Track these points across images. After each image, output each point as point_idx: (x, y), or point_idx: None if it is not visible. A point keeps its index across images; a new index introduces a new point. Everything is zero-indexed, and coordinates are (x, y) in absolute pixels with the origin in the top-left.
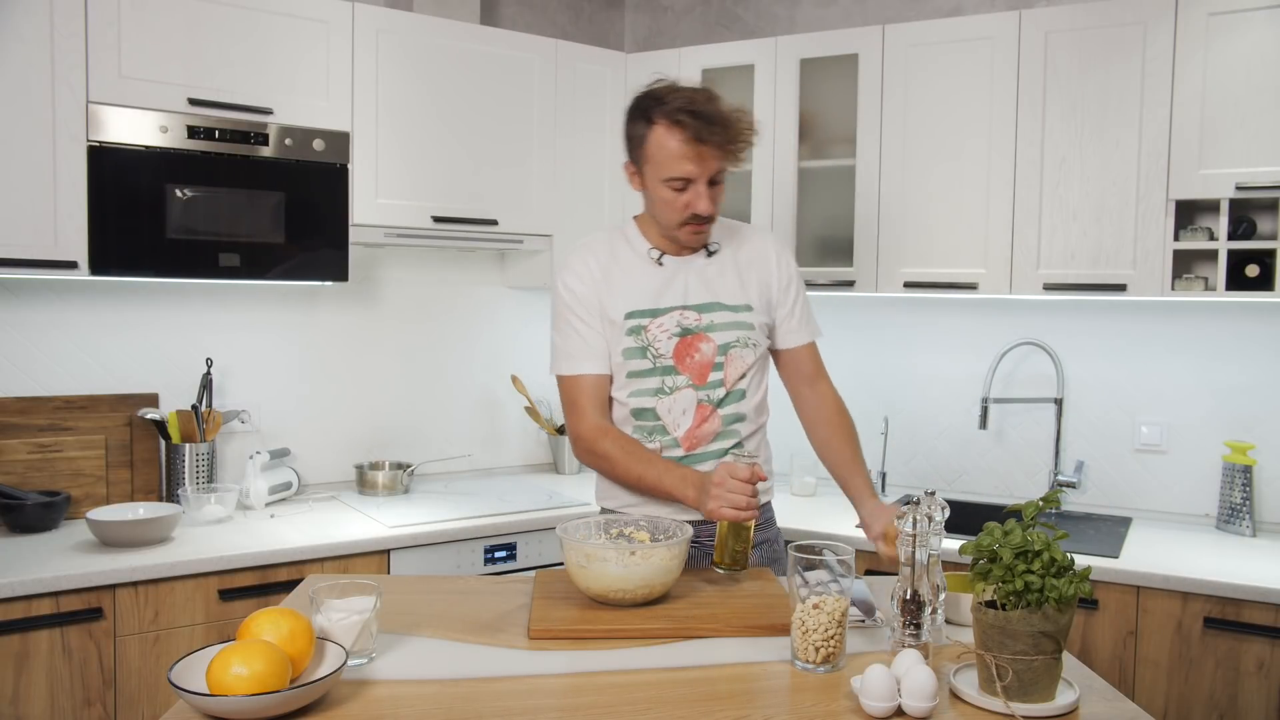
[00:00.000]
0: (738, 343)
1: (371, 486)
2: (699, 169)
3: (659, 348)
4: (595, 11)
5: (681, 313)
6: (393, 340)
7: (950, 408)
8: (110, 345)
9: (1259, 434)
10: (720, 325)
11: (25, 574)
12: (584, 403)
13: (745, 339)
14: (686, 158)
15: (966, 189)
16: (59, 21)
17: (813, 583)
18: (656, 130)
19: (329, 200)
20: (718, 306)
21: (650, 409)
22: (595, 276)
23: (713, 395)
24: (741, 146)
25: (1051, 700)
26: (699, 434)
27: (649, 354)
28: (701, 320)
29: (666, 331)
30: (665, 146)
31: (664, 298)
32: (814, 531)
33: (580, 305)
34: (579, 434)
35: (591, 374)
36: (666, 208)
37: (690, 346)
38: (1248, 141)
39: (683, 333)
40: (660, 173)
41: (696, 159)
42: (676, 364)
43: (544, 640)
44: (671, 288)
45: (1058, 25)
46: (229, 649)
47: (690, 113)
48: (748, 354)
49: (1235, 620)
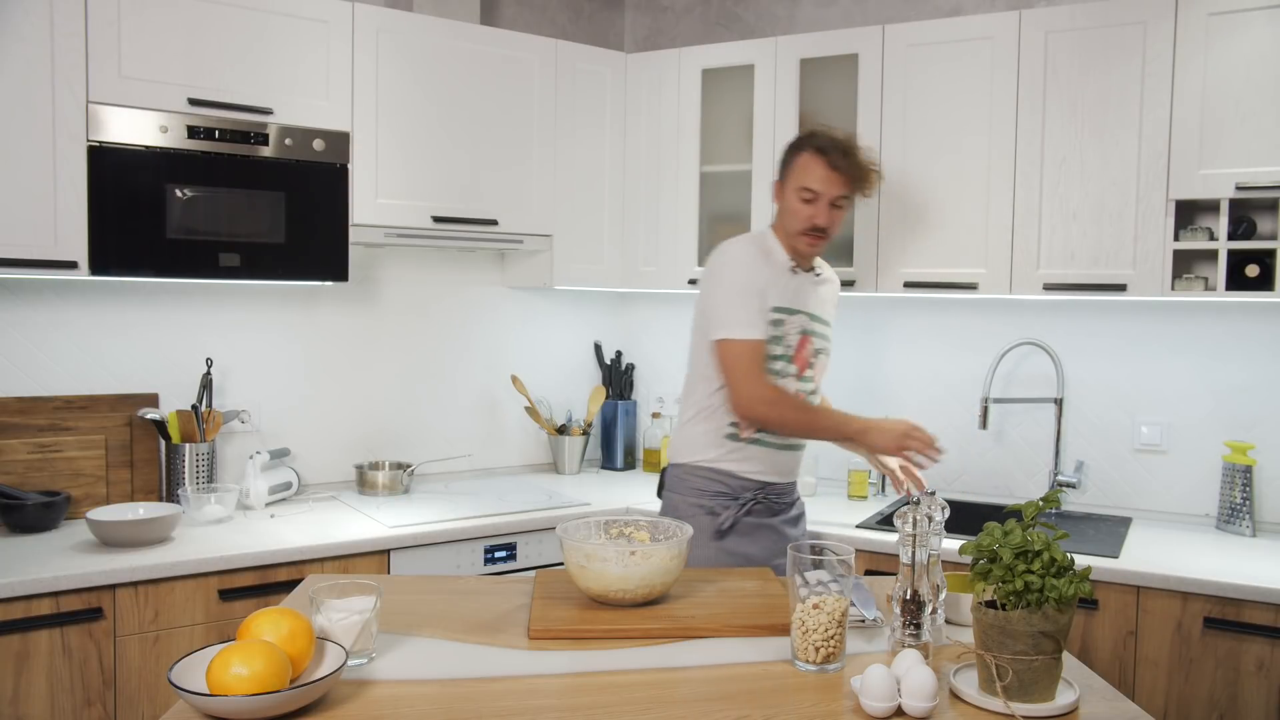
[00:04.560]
0: (823, 351)
1: (371, 486)
2: (826, 187)
3: (789, 340)
4: (595, 11)
5: (804, 317)
6: (393, 340)
7: (950, 408)
8: (110, 345)
9: (1259, 434)
10: (819, 334)
11: (25, 574)
12: (758, 366)
13: (827, 348)
14: (819, 176)
15: (966, 189)
16: (59, 21)
17: (813, 583)
18: (804, 155)
19: (329, 200)
20: (819, 319)
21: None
22: (759, 265)
23: (804, 387)
24: (862, 179)
25: (1051, 700)
26: None
27: (782, 343)
28: (812, 326)
29: (796, 327)
30: (806, 166)
31: (797, 301)
32: (814, 531)
33: (751, 283)
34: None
35: (761, 339)
36: (794, 216)
37: (805, 344)
38: (1248, 141)
39: (803, 333)
40: (797, 182)
41: (826, 179)
42: (794, 356)
43: (544, 640)
44: (800, 294)
45: (1058, 25)
46: (229, 649)
47: (834, 145)
48: (825, 360)
49: (1235, 620)
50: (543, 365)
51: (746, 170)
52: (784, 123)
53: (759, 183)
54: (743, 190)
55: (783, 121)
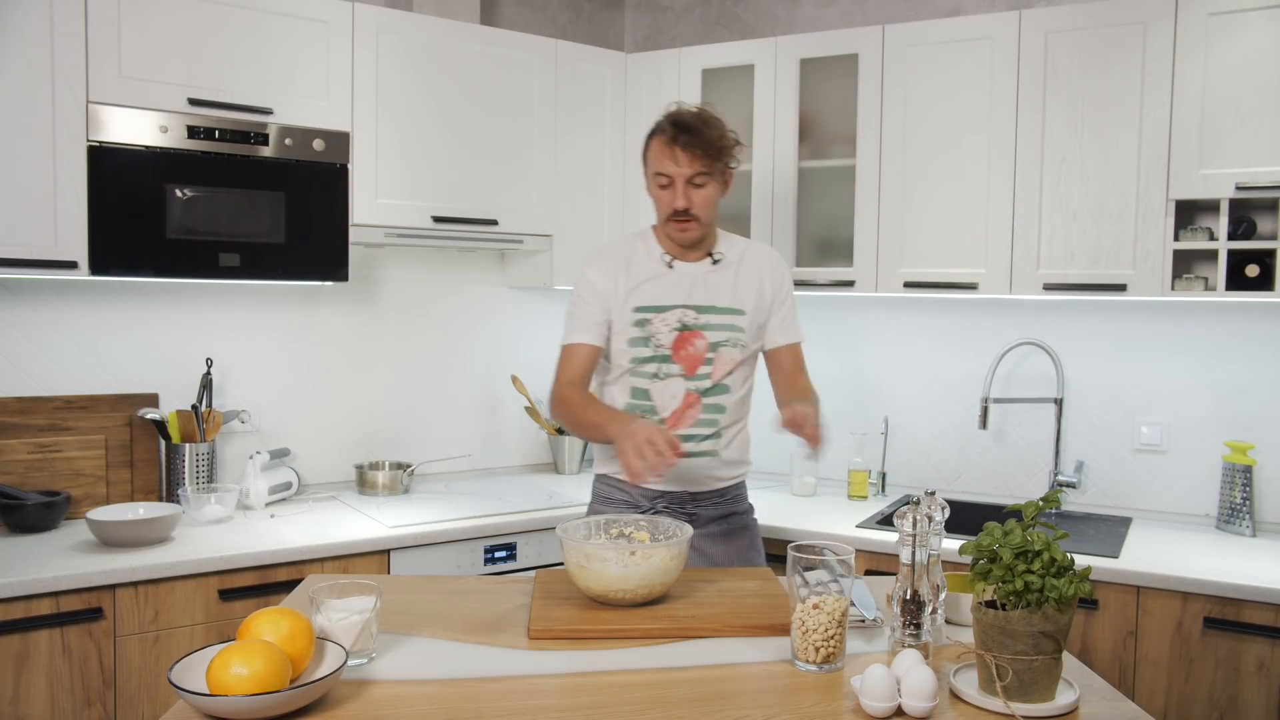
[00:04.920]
0: (727, 342)
1: (371, 486)
2: (674, 168)
3: (660, 339)
4: (595, 11)
5: (683, 310)
6: (393, 340)
7: (950, 408)
8: (110, 345)
9: (1259, 434)
10: (714, 325)
11: (25, 574)
12: (571, 366)
13: (734, 339)
14: (665, 157)
15: (966, 189)
16: (59, 21)
17: (813, 583)
18: (653, 142)
19: (329, 200)
20: (713, 309)
21: (645, 390)
22: (614, 271)
23: (699, 386)
24: (715, 152)
25: (1051, 700)
26: (682, 418)
27: (651, 344)
28: (699, 319)
29: (668, 325)
30: (655, 153)
31: (669, 296)
32: (814, 531)
33: (591, 291)
34: (557, 385)
35: (585, 344)
36: (657, 205)
37: (686, 341)
38: (1248, 141)
39: (682, 328)
40: (651, 171)
41: (672, 159)
42: (673, 355)
43: (544, 640)
44: (677, 288)
45: (1058, 25)
46: (229, 649)
47: (671, 122)
48: (735, 353)
49: (1235, 620)
50: (543, 365)
51: (746, 170)
52: (784, 123)
53: (759, 183)
54: (742, 190)
55: (783, 122)
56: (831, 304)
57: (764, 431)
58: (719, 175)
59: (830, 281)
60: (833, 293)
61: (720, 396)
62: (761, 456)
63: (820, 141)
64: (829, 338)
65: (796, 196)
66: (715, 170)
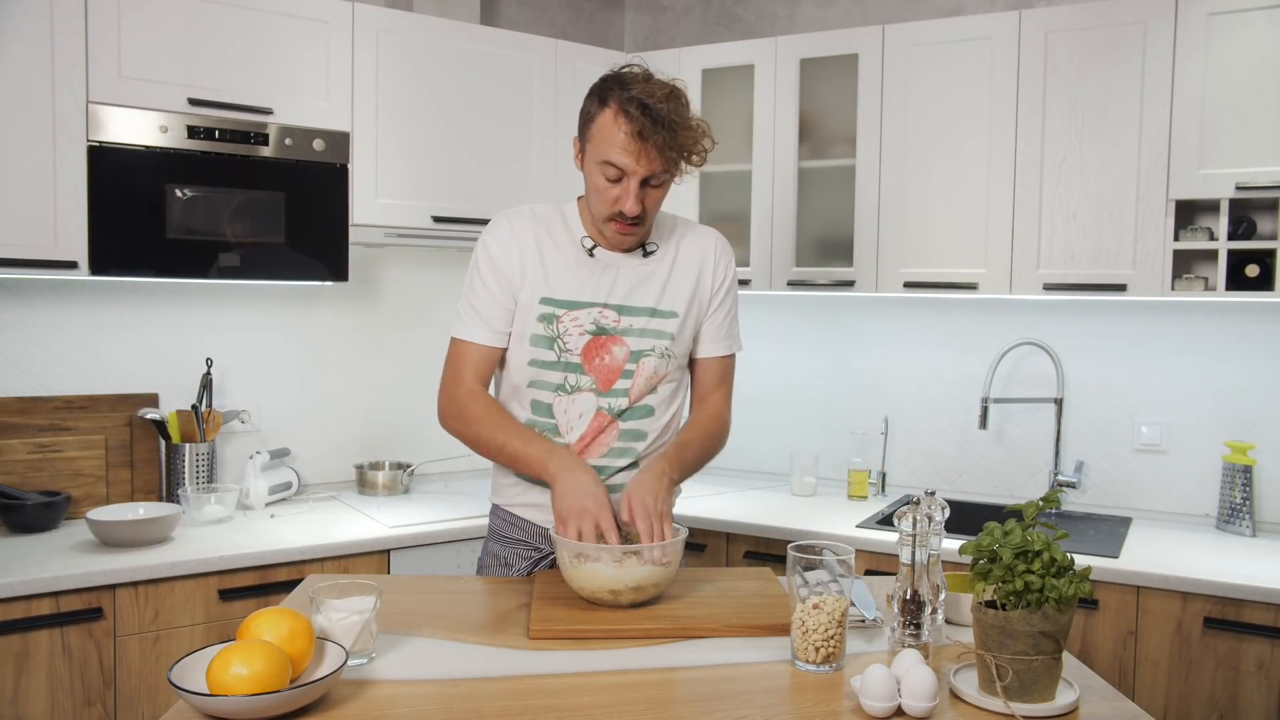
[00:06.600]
0: (652, 351)
1: (371, 486)
2: (634, 165)
3: (568, 342)
4: (595, 11)
5: (600, 310)
6: (393, 340)
7: (950, 408)
8: (110, 345)
9: (1259, 434)
10: (638, 330)
11: (25, 574)
12: (465, 369)
13: (661, 349)
14: (625, 150)
15: (966, 189)
16: (59, 21)
17: (813, 583)
18: (606, 113)
19: (329, 200)
20: (639, 310)
21: (547, 405)
22: (522, 246)
23: (614, 405)
24: (681, 157)
25: (1051, 700)
26: (593, 445)
27: (556, 346)
28: (620, 322)
29: (580, 327)
30: (609, 131)
31: (585, 291)
32: (814, 531)
33: (492, 272)
34: (451, 396)
35: (481, 344)
36: (597, 195)
37: (601, 347)
38: (1248, 141)
39: (597, 331)
40: (598, 154)
41: (634, 154)
42: (583, 363)
43: (544, 640)
44: (597, 282)
45: (1058, 25)
46: (229, 649)
47: (643, 107)
48: (660, 365)
49: (1235, 620)
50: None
51: (746, 170)
52: (784, 123)
53: (759, 183)
54: (743, 190)
55: (783, 122)
56: (831, 304)
57: (762, 430)
58: (678, 172)
59: (830, 281)
60: (833, 293)
61: (641, 421)
62: (761, 456)
63: (820, 141)
64: (829, 338)
65: (796, 196)
66: (677, 169)
